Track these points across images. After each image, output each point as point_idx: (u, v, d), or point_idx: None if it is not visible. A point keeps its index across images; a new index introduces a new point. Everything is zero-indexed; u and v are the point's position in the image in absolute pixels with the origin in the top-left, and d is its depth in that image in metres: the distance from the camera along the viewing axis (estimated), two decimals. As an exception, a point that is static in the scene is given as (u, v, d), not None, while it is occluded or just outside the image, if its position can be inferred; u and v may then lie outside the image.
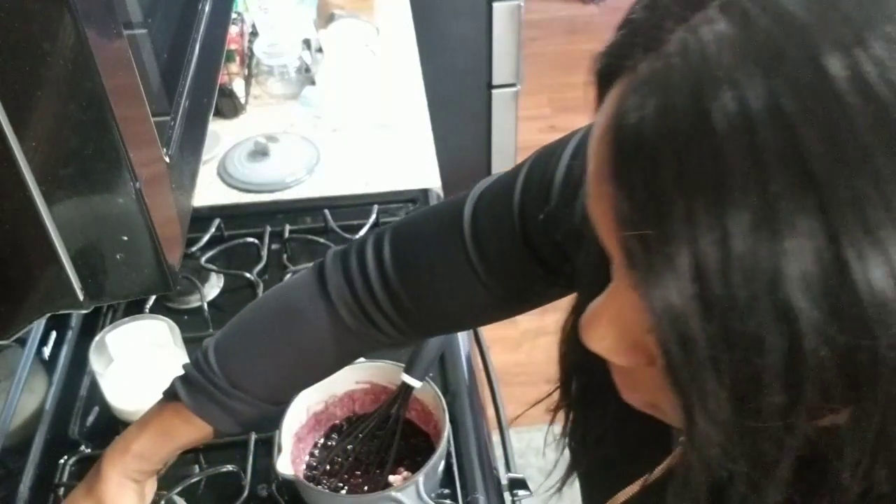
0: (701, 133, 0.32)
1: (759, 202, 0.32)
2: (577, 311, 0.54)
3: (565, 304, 0.62)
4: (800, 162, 0.31)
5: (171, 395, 0.75)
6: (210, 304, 1.17)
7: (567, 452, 0.62)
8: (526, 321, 0.79)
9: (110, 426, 1.03)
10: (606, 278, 0.42)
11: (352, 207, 1.32)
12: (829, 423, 0.35)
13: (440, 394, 0.94)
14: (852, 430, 0.35)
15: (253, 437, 0.99)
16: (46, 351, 1.06)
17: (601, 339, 0.41)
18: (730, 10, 0.33)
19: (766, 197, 0.31)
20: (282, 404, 0.77)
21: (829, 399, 0.34)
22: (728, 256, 0.32)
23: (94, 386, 1.05)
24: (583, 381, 0.57)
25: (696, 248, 0.33)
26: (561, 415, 0.60)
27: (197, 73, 0.75)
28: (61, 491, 0.95)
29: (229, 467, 0.96)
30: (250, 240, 1.26)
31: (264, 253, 1.24)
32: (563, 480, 0.62)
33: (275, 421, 0.90)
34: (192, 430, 0.75)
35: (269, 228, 1.28)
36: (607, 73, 0.39)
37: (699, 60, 0.33)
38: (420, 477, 0.85)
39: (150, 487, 0.80)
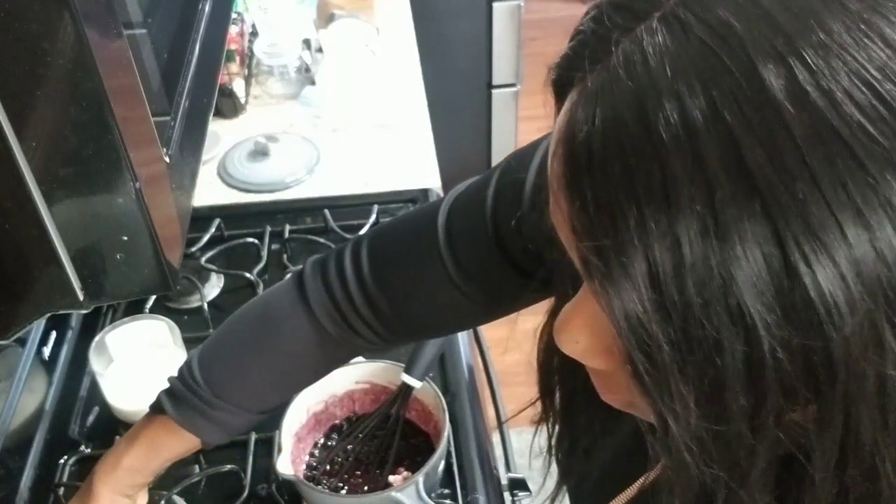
0: (647, 145, 0.33)
1: (705, 210, 0.32)
2: (553, 316, 0.55)
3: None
4: (742, 170, 0.32)
5: (157, 409, 0.76)
6: (210, 304, 1.17)
7: (554, 466, 0.62)
8: (526, 321, 0.79)
9: (110, 426, 1.03)
10: (579, 282, 0.42)
11: (352, 207, 1.32)
12: (798, 422, 0.36)
13: (440, 394, 0.94)
14: (818, 430, 0.35)
15: (253, 436, 0.99)
16: (46, 351, 1.06)
17: (574, 343, 0.42)
18: (670, 22, 0.34)
19: (713, 204, 0.32)
20: (267, 413, 0.78)
21: (791, 399, 0.34)
22: (680, 263, 0.33)
23: (94, 386, 1.05)
24: (566, 389, 0.58)
25: (650, 256, 0.34)
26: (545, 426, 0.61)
27: (197, 73, 0.75)
28: (61, 491, 0.95)
29: (229, 467, 0.96)
30: (250, 240, 1.26)
31: (264, 253, 1.24)
32: (553, 497, 0.62)
33: (274, 421, 0.90)
34: (181, 442, 0.76)
35: (269, 228, 1.28)
36: (560, 84, 0.40)
37: (643, 73, 0.34)
38: (420, 477, 0.85)
39: (142, 499, 0.81)
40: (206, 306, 1.16)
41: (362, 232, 1.25)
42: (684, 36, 0.34)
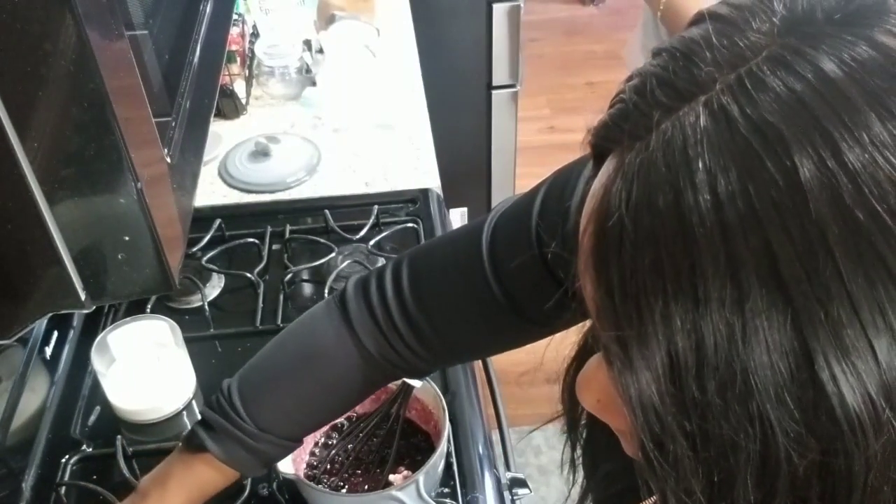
0: (679, 235, 0.32)
1: (734, 313, 0.32)
2: (582, 349, 0.54)
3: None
4: (777, 280, 0.31)
5: (195, 445, 0.74)
6: (211, 303, 1.18)
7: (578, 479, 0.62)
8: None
9: (112, 426, 1.03)
10: None
11: (352, 208, 1.33)
12: None
13: (440, 393, 0.94)
14: None
15: (254, 436, 0.99)
16: (48, 350, 1.06)
17: (591, 401, 0.42)
18: (714, 110, 0.33)
19: (742, 308, 0.31)
20: (302, 439, 0.77)
21: (801, 501, 0.34)
22: (703, 363, 0.32)
23: (96, 385, 1.05)
24: (586, 416, 0.57)
25: (673, 351, 0.33)
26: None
27: (198, 74, 0.75)
28: (63, 490, 0.96)
29: (230, 466, 0.96)
30: (251, 240, 1.27)
31: (265, 253, 1.25)
32: None
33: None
34: (221, 477, 0.75)
35: (269, 229, 1.28)
36: (599, 150, 0.39)
37: (681, 158, 0.33)
38: (420, 476, 0.86)
39: None
40: (206, 306, 1.16)
41: (363, 233, 1.25)
42: (727, 128, 0.32)
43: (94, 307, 0.60)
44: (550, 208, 0.63)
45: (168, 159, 0.63)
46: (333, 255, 1.22)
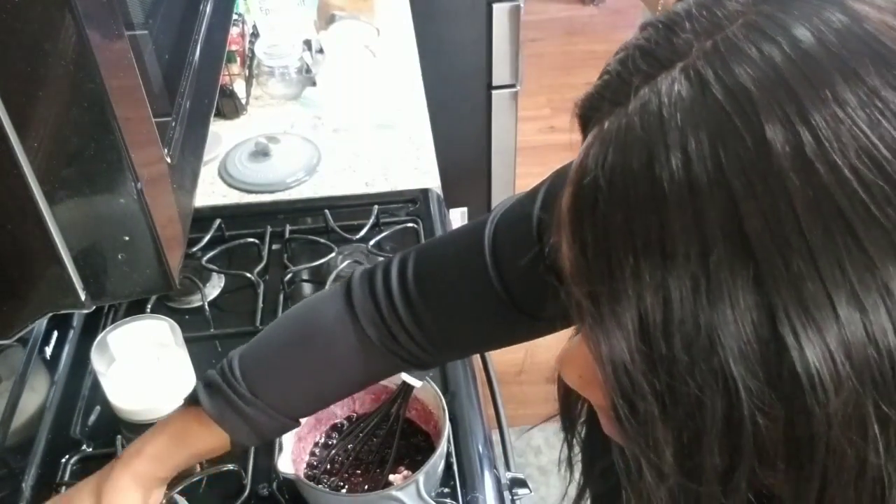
0: (650, 196, 0.33)
1: (699, 269, 0.32)
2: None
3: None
4: (740, 235, 0.32)
5: (191, 400, 0.75)
6: (211, 303, 1.18)
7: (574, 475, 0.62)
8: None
9: (112, 426, 1.03)
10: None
11: (352, 208, 1.33)
12: (771, 487, 0.36)
13: (440, 393, 0.94)
14: (792, 497, 0.35)
15: (254, 436, 0.99)
16: (48, 350, 1.06)
17: (572, 376, 0.43)
18: (690, 75, 0.34)
19: (707, 264, 0.32)
20: (298, 420, 0.77)
21: (767, 465, 0.34)
22: (670, 318, 0.33)
23: (96, 385, 1.05)
24: (586, 411, 0.58)
25: (642, 307, 0.34)
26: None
27: (198, 74, 0.75)
28: (63, 490, 0.96)
29: (230, 466, 0.96)
30: (251, 240, 1.27)
31: (265, 253, 1.25)
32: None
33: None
34: (209, 436, 0.75)
35: (269, 229, 1.28)
36: (584, 120, 0.40)
37: (656, 121, 0.34)
38: (420, 476, 0.86)
39: (156, 497, 0.79)
40: (206, 306, 1.16)
41: (363, 233, 1.25)
42: (701, 92, 0.33)
43: (94, 307, 0.60)
44: (551, 205, 0.63)
45: (168, 159, 0.63)
46: (333, 255, 1.22)
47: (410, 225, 1.29)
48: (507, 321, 0.69)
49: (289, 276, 1.21)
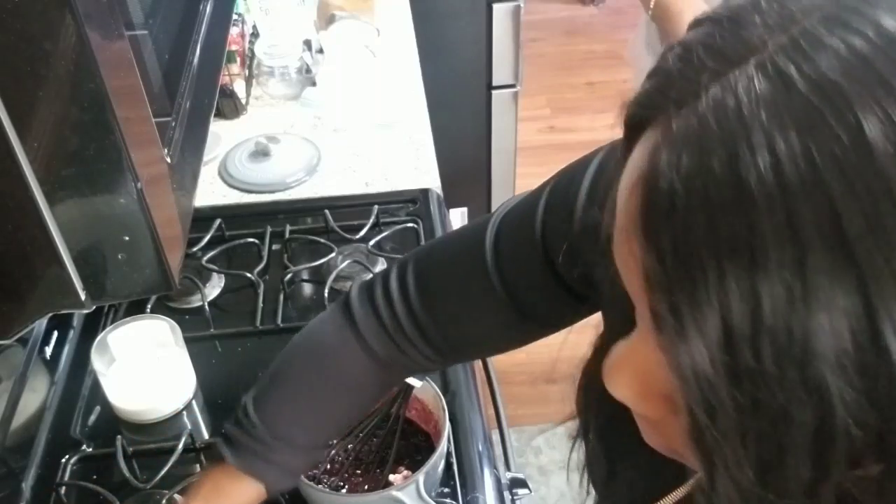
0: (736, 198, 0.31)
1: (794, 275, 0.30)
2: (600, 350, 0.54)
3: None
4: (840, 237, 0.30)
5: (216, 457, 0.74)
6: (211, 303, 1.18)
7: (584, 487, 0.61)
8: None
9: (112, 426, 1.03)
10: (630, 322, 0.41)
11: (352, 208, 1.33)
12: (852, 490, 0.35)
13: (440, 393, 0.94)
14: (881, 490, 0.34)
15: (254, 436, 0.99)
16: (48, 350, 1.06)
17: (624, 388, 0.41)
18: (768, 70, 0.32)
19: (802, 270, 0.30)
20: (324, 448, 0.77)
21: (855, 468, 0.33)
22: (759, 328, 0.31)
23: (96, 385, 1.05)
24: (602, 420, 0.56)
25: (727, 316, 0.32)
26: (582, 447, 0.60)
27: (198, 74, 0.75)
28: (63, 490, 0.96)
29: (230, 466, 0.96)
30: (251, 240, 1.27)
31: (265, 253, 1.25)
32: None
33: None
34: (244, 489, 0.74)
35: (269, 229, 1.28)
36: (637, 122, 0.38)
37: (735, 121, 0.32)
38: (420, 476, 0.86)
39: None
40: (207, 306, 1.16)
41: (363, 233, 1.25)
42: (784, 88, 0.31)
43: (94, 307, 0.60)
44: (555, 209, 0.63)
45: (168, 159, 0.63)
46: (333, 255, 1.22)
47: (410, 225, 1.29)
48: (510, 325, 0.68)
49: (289, 276, 1.21)
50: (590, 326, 0.57)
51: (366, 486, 0.93)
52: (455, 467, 0.96)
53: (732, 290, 0.31)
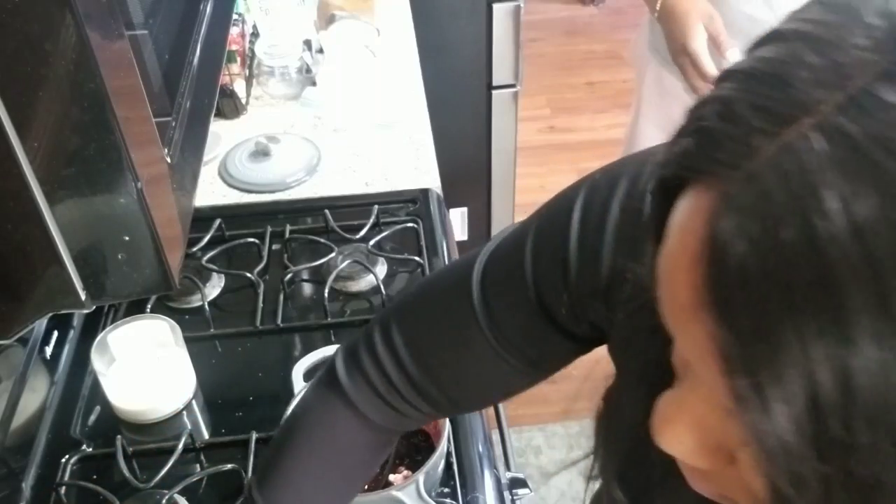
0: (816, 269, 0.30)
1: (889, 352, 0.29)
2: (619, 388, 0.53)
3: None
4: None
5: None
6: (211, 303, 1.18)
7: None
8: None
9: (112, 426, 1.03)
10: (667, 375, 0.40)
11: (352, 208, 1.33)
12: None
13: (440, 393, 0.94)
14: None
15: (254, 435, 0.99)
16: (48, 350, 1.06)
17: (679, 444, 0.40)
18: (828, 131, 0.30)
19: (894, 340, 0.29)
20: None
21: None
22: (850, 401, 0.30)
23: (96, 385, 1.05)
24: (625, 462, 0.55)
25: (815, 390, 0.30)
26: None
27: (198, 74, 0.75)
28: (63, 490, 0.96)
29: (230, 466, 0.96)
30: (251, 240, 1.27)
31: (265, 253, 1.25)
32: None
33: (275, 420, 0.90)
34: None
35: (269, 229, 1.28)
36: (676, 181, 0.36)
37: (801, 185, 0.30)
38: (420, 476, 0.86)
39: None
40: (206, 306, 1.16)
41: (363, 233, 1.25)
42: (850, 150, 0.30)
43: (94, 307, 0.60)
44: (545, 257, 0.60)
45: (168, 159, 0.63)
46: (333, 255, 1.22)
47: (410, 225, 1.29)
48: (509, 375, 0.65)
49: (289, 276, 1.21)
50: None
51: (366, 486, 0.93)
52: (455, 467, 0.96)
53: (820, 362, 0.30)
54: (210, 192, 1.38)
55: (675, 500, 0.51)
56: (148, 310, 1.15)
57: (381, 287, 1.17)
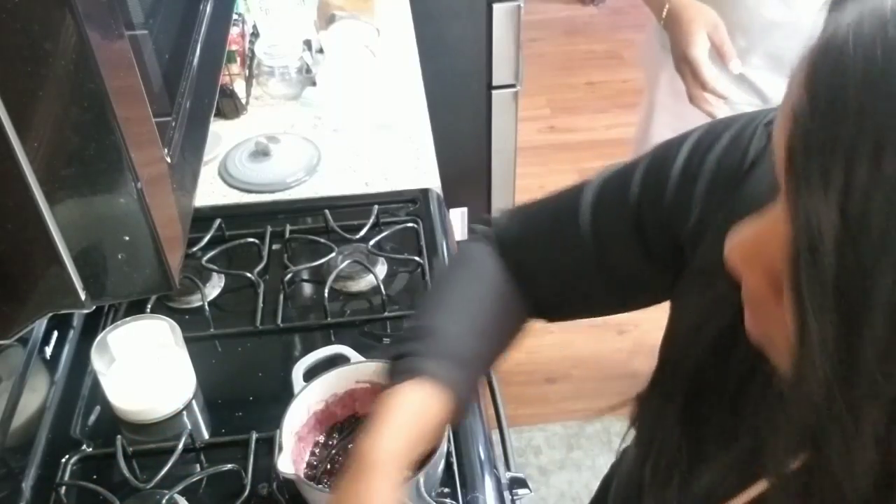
0: (889, 58, 0.34)
1: None
2: (675, 321, 0.61)
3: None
4: None
5: (405, 374, 0.71)
6: (211, 303, 1.18)
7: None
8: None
9: (112, 426, 1.03)
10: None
11: (352, 208, 1.33)
12: None
13: (440, 393, 0.94)
14: None
15: (254, 435, 0.99)
16: (48, 350, 1.06)
17: (738, 251, 0.45)
18: None
19: None
20: (476, 369, 0.76)
21: None
22: (877, 178, 0.34)
23: (96, 385, 1.05)
24: (688, 403, 0.60)
25: (853, 164, 0.35)
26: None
27: (198, 74, 0.75)
28: (63, 490, 0.96)
29: (230, 466, 0.96)
30: (251, 240, 1.27)
31: (265, 253, 1.25)
32: None
33: (275, 420, 0.91)
34: (437, 404, 0.69)
35: (269, 228, 1.28)
36: None
37: None
38: (420, 476, 0.86)
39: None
40: (206, 306, 1.16)
41: (363, 233, 1.25)
42: None
43: (94, 307, 0.60)
44: (652, 175, 0.69)
45: (168, 159, 0.63)
46: (333, 254, 1.22)
47: (410, 225, 1.29)
48: (595, 286, 0.74)
49: (289, 275, 1.21)
50: (586, 327, 0.58)
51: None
52: (455, 467, 0.96)
53: (867, 138, 0.34)
54: (210, 192, 1.38)
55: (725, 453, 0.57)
56: (148, 310, 1.15)
57: (381, 287, 1.17)
